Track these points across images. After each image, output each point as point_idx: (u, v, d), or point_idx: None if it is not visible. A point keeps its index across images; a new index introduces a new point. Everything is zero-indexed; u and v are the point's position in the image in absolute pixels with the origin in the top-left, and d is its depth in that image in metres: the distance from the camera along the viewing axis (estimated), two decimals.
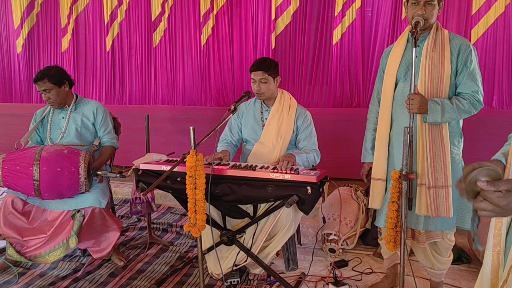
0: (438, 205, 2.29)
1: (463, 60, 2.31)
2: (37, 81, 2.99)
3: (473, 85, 2.31)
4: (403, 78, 2.42)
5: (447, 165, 2.30)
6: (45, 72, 3.00)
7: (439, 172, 2.30)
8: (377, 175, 2.52)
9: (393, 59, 2.47)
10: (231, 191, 2.47)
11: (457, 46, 2.32)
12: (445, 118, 2.26)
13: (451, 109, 2.26)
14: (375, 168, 2.54)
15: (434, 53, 2.31)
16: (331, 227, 3.23)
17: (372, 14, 4.71)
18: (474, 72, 2.32)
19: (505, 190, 0.97)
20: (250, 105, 3.01)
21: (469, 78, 2.31)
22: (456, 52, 2.32)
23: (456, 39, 2.35)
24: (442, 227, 2.38)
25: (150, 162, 2.70)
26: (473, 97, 2.30)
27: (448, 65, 2.30)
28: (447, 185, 2.29)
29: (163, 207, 4.36)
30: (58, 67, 3.14)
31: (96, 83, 5.94)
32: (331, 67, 4.87)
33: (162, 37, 5.55)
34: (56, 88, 3.02)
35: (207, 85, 5.44)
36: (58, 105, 3.09)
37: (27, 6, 6.11)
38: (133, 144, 4.37)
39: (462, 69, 2.32)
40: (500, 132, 3.77)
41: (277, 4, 4.98)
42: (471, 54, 2.31)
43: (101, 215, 2.91)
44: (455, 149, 2.38)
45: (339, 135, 4.61)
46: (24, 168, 2.68)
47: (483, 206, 1.00)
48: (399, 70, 2.43)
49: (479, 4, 4.31)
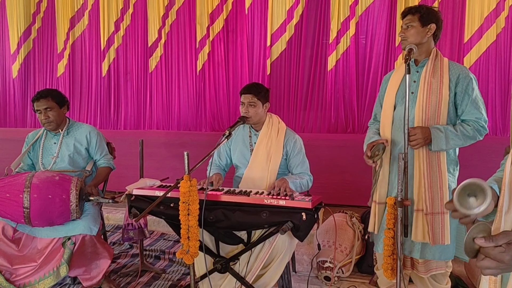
0: (434, 232, 2.27)
1: (464, 88, 2.33)
2: (39, 98, 2.99)
3: (477, 112, 2.33)
4: (400, 102, 2.44)
5: (444, 191, 2.29)
6: (48, 91, 3.04)
7: (436, 198, 2.29)
8: (381, 199, 2.48)
9: (393, 83, 2.51)
10: (225, 217, 2.43)
11: (456, 74, 2.35)
12: (450, 145, 2.27)
13: (455, 136, 2.27)
14: (380, 192, 2.50)
15: (433, 79, 2.33)
16: (326, 254, 3.19)
17: (366, 41, 4.78)
18: (476, 99, 2.33)
19: (506, 244, 0.93)
20: (239, 129, 3.01)
21: (472, 105, 2.33)
22: (455, 80, 2.34)
23: (456, 67, 2.38)
24: (440, 256, 2.34)
25: (143, 187, 2.66)
26: (477, 123, 2.32)
27: (447, 91, 2.32)
28: (443, 211, 2.27)
29: (156, 233, 4.30)
30: (58, 90, 3.17)
31: (91, 107, 5.94)
32: (326, 93, 4.91)
33: (158, 62, 5.59)
34: (57, 108, 3.03)
35: (203, 110, 5.46)
36: (55, 126, 3.06)
37: (24, 31, 6.17)
38: (127, 169, 4.34)
39: (464, 97, 2.33)
40: (494, 158, 3.78)
41: (272, 31, 5.05)
42: (471, 82, 2.34)
43: (92, 242, 2.86)
44: (450, 176, 2.37)
45: (334, 161, 4.60)
46: (14, 196, 2.63)
47: (487, 264, 0.95)
48: (397, 94, 2.46)
49: (471, 33, 4.39)
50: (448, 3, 4.46)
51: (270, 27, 5.05)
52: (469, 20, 4.40)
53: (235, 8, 5.22)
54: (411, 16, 2.38)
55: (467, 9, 4.40)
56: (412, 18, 2.37)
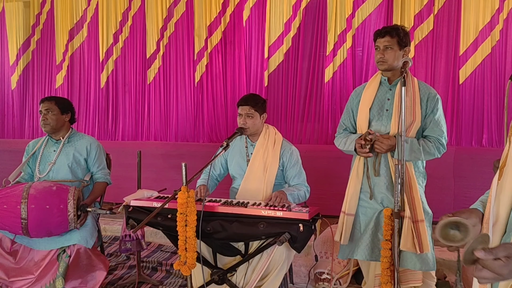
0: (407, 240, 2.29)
1: (431, 107, 2.47)
2: (45, 100, 3.07)
3: (438, 130, 2.47)
4: (376, 117, 2.53)
5: (416, 200, 2.36)
6: (55, 96, 3.17)
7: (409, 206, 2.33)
8: (350, 211, 2.53)
9: (366, 99, 2.58)
10: (222, 228, 2.43)
11: (426, 93, 2.49)
12: (411, 157, 2.38)
13: (418, 149, 2.39)
14: (350, 203, 2.54)
15: (407, 97, 2.41)
16: (323, 265, 3.18)
17: (363, 53, 4.83)
18: (439, 119, 2.47)
19: (505, 257, 0.95)
20: (236, 140, 3.02)
21: (435, 124, 2.46)
22: (425, 99, 2.47)
23: (425, 87, 2.53)
24: (421, 267, 2.37)
25: (141, 198, 2.67)
26: (438, 141, 2.45)
27: (419, 109, 2.44)
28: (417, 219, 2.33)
29: (153, 244, 4.29)
30: (69, 101, 3.25)
31: (89, 119, 5.95)
32: (323, 104, 4.94)
33: (157, 74, 5.62)
34: (58, 113, 3.05)
35: (200, 121, 5.48)
36: (51, 129, 3.06)
37: (24, 43, 6.21)
38: (124, 180, 4.33)
39: (429, 115, 2.47)
40: (490, 170, 3.80)
41: (270, 43, 5.10)
42: (438, 103, 2.48)
43: (87, 254, 2.84)
44: (420, 189, 2.47)
45: (331, 172, 4.61)
46: (11, 207, 2.63)
47: (484, 275, 0.97)
48: (371, 110, 2.54)
49: (467, 45, 4.44)
50: (443, 16, 4.52)
51: (268, 39, 5.09)
52: (464, 33, 4.45)
53: (233, 21, 5.27)
54: (390, 38, 2.45)
55: (462, 22, 4.45)
56: (391, 40, 2.45)
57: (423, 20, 4.50)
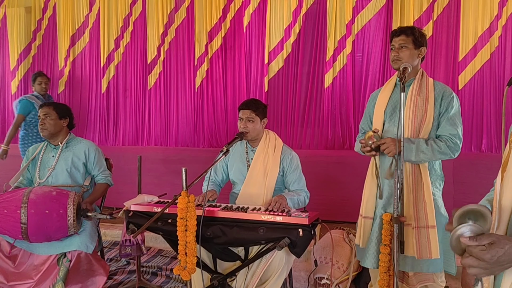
0: (421, 246, 2.30)
1: (445, 105, 2.42)
2: (44, 106, 3.11)
3: (452, 129, 2.39)
4: (388, 119, 2.51)
5: (428, 204, 2.33)
6: (55, 102, 3.24)
7: (421, 212, 2.32)
8: (367, 214, 2.53)
9: (381, 101, 2.57)
10: (223, 233, 2.44)
11: (441, 92, 2.44)
12: (419, 157, 2.33)
13: (426, 149, 2.33)
14: (366, 206, 2.54)
15: (419, 97, 2.41)
16: (323, 270, 3.18)
17: (363, 59, 4.85)
18: (454, 117, 2.41)
19: (488, 244, 0.99)
20: (236, 146, 3.03)
21: (449, 122, 2.40)
22: (439, 98, 2.43)
23: (440, 86, 2.47)
24: (428, 269, 2.37)
25: (141, 203, 2.67)
26: (451, 140, 2.38)
27: (431, 110, 2.40)
28: (428, 225, 2.30)
29: (153, 249, 4.29)
30: (68, 106, 3.27)
31: (90, 124, 5.96)
32: (323, 110, 4.95)
33: (157, 79, 5.63)
34: (55, 118, 3.07)
35: (201, 126, 5.49)
36: (48, 134, 3.09)
37: (24, 48, 6.22)
38: (125, 185, 4.34)
39: (444, 113, 2.42)
40: (489, 175, 3.80)
41: (270, 48, 5.12)
42: (453, 100, 2.42)
43: (87, 259, 2.84)
44: (436, 191, 2.42)
45: (331, 177, 4.62)
46: (11, 211, 2.64)
47: (469, 262, 1.01)
48: (386, 111, 2.52)
49: (466, 51, 4.46)
50: (442, 22, 4.54)
51: (268, 45, 5.11)
52: (463, 39, 4.47)
53: (233, 26, 5.29)
54: (405, 37, 2.44)
55: (461, 28, 4.47)
56: (406, 39, 2.44)
57: (422, 26, 4.51)
